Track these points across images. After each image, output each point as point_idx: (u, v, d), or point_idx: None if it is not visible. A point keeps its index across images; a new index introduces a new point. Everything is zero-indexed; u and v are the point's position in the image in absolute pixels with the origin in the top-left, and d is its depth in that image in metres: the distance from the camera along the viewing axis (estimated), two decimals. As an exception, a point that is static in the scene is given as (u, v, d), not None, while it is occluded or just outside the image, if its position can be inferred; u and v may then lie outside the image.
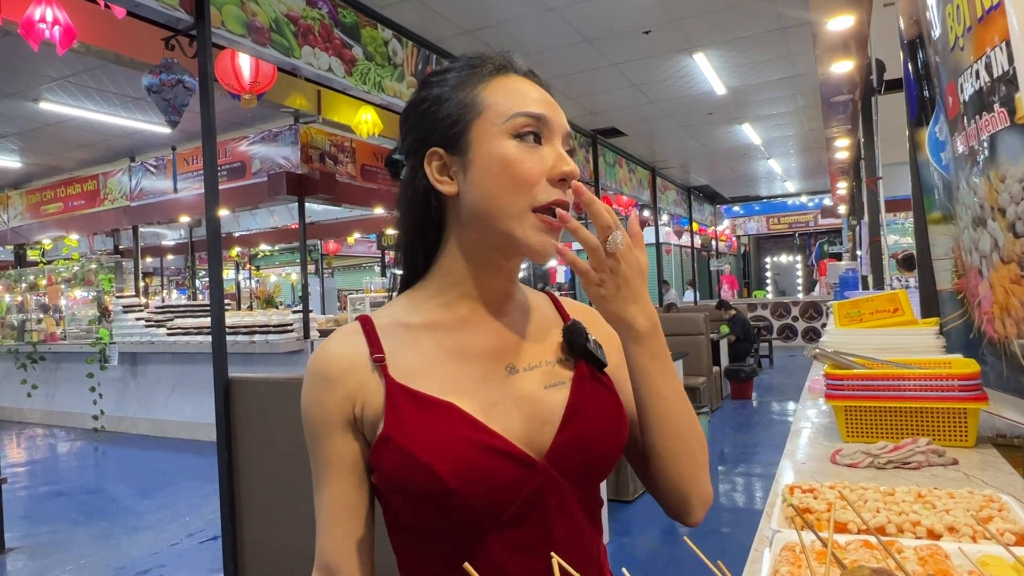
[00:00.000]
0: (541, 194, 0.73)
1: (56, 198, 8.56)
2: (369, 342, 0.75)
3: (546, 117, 0.75)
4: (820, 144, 9.32)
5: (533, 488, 0.70)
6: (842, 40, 4.20)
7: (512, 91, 0.76)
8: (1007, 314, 1.31)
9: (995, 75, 1.17)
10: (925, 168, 1.80)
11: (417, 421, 0.70)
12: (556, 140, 0.75)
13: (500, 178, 0.73)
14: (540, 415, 0.73)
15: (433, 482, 0.66)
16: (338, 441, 0.74)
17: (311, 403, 0.75)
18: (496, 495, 0.69)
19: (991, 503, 0.82)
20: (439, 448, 0.68)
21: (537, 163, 0.73)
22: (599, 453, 0.75)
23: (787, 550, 0.72)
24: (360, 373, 0.74)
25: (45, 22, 2.96)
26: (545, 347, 0.80)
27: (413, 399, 0.71)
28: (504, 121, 0.74)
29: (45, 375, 7.69)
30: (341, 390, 0.73)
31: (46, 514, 4.44)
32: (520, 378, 0.76)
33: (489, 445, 0.69)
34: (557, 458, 0.72)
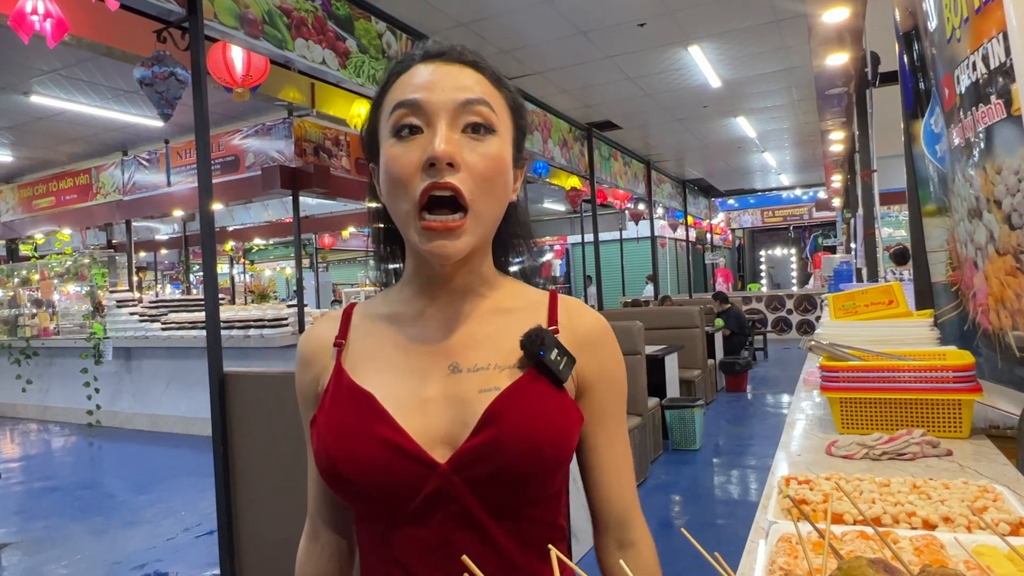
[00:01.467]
0: (416, 187, 0.67)
1: (48, 192, 8.50)
2: (340, 328, 0.79)
3: (419, 101, 0.68)
4: (815, 137, 9.33)
5: (431, 490, 0.69)
6: (837, 32, 4.20)
7: (401, 85, 0.71)
8: (1002, 306, 1.31)
9: (992, 66, 1.17)
10: (920, 160, 1.80)
11: (337, 407, 0.72)
12: (438, 122, 0.67)
13: (386, 183, 0.70)
14: (465, 418, 0.70)
15: (332, 467, 0.70)
16: (309, 415, 0.78)
17: (296, 379, 0.81)
18: (393, 491, 0.69)
19: (985, 493, 0.82)
20: (342, 435, 0.70)
21: (413, 154, 0.67)
22: (510, 465, 0.68)
23: (783, 541, 0.73)
24: (324, 357, 0.78)
25: (36, 14, 2.93)
26: (500, 350, 0.74)
27: (343, 385, 0.73)
28: (387, 120, 0.70)
29: (39, 370, 7.65)
30: (311, 371, 0.79)
31: (41, 509, 4.42)
32: (460, 379, 0.73)
33: (388, 440, 0.69)
34: (461, 464, 0.68)
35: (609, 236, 12.42)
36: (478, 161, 0.68)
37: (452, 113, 0.68)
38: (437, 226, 0.67)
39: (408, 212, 0.68)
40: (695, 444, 5.05)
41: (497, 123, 0.71)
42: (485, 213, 0.70)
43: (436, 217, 0.67)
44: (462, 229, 0.68)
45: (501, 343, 0.74)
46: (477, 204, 0.68)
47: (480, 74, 0.73)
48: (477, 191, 0.68)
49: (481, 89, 0.71)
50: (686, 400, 5.13)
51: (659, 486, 4.26)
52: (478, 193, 0.68)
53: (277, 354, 5.93)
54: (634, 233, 13.24)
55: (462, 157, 0.67)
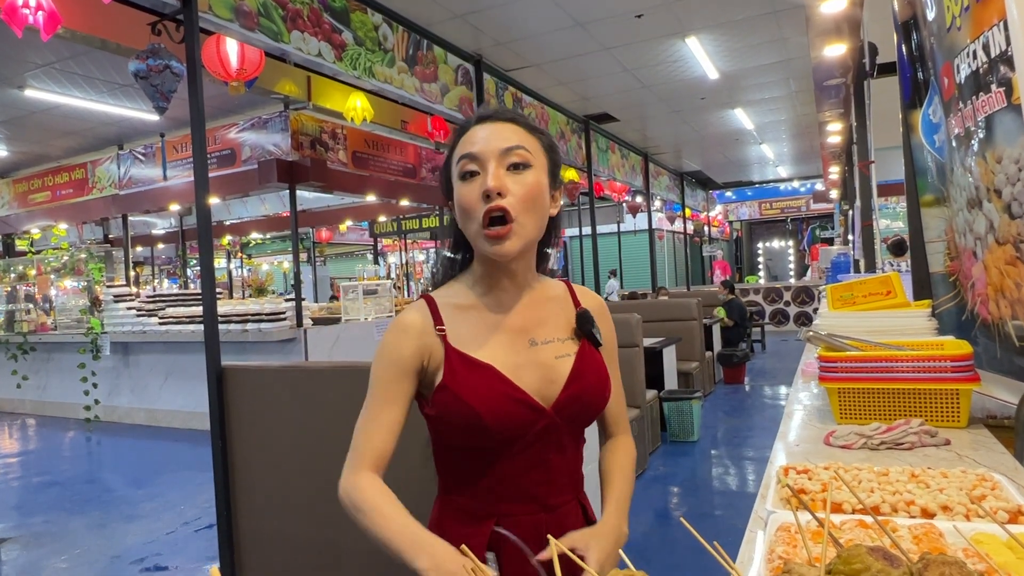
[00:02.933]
0: (479, 213, 0.96)
1: (44, 187, 8.47)
2: (433, 316, 1.03)
3: (475, 153, 0.98)
4: (812, 129, 9.32)
5: (541, 427, 1.00)
6: (835, 23, 4.18)
7: (465, 141, 1.01)
8: (1002, 295, 1.31)
9: (992, 55, 1.16)
10: (918, 150, 1.80)
11: (467, 376, 0.98)
12: (489, 164, 0.97)
13: (459, 212, 1.00)
14: (551, 377, 1.02)
15: (475, 418, 0.96)
16: (404, 380, 1.01)
17: (392, 345, 1.01)
18: (516, 430, 0.98)
19: (984, 482, 0.82)
20: (481, 396, 0.96)
21: (473, 191, 0.97)
22: (590, 405, 1.05)
23: (782, 530, 0.73)
24: (428, 337, 1.01)
25: (28, 7, 2.91)
26: (558, 326, 1.08)
27: (464, 360, 0.99)
28: (455, 168, 1.01)
29: (36, 366, 7.64)
30: (416, 342, 1.01)
31: (40, 504, 4.43)
32: (539, 349, 1.04)
33: (514, 396, 0.98)
34: (560, 408, 1.01)
35: (607, 229, 12.42)
36: (519, 188, 0.97)
37: (499, 158, 0.98)
38: (493, 234, 0.96)
39: (476, 230, 0.98)
40: (693, 436, 5.06)
41: (532, 160, 1.00)
42: (528, 224, 0.98)
43: (492, 228, 0.96)
44: (510, 233, 0.96)
45: (557, 322, 1.08)
46: (520, 217, 0.97)
47: (518, 126, 1.03)
48: (520, 208, 0.97)
49: (518, 138, 1.00)
50: (684, 392, 5.14)
51: (657, 478, 4.27)
52: (520, 210, 0.97)
53: (275, 348, 5.93)
54: (632, 226, 13.24)
55: (507, 187, 0.96)
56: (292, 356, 5.87)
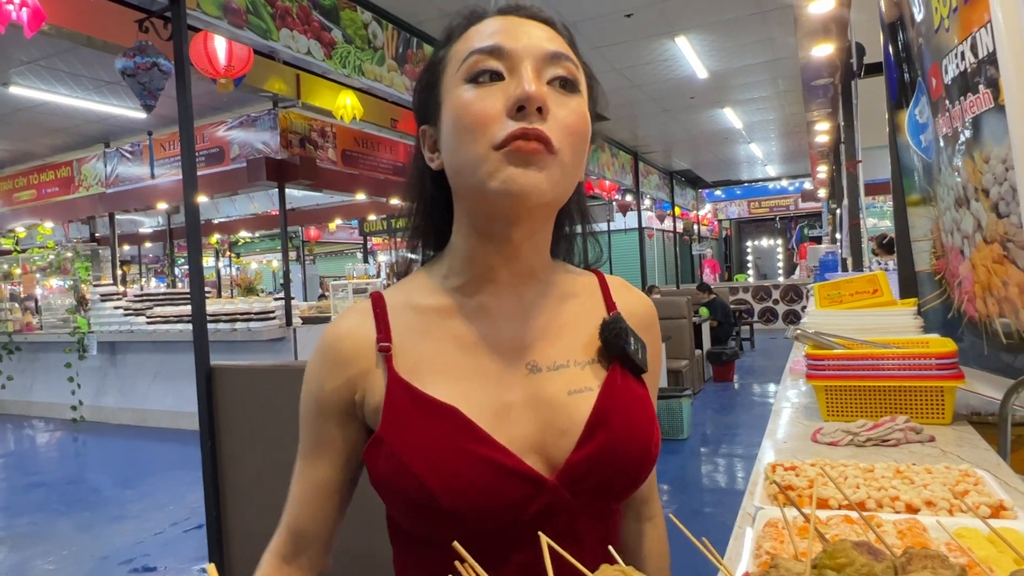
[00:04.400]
0: (498, 131, 0.59)
1: (29, 185, 8.38)
2: (378, 325, 0.68)
3: (500, 46, 0.62)
4: (801, 128, 9.37)
5: (540, 508, 0.62)
6: (823, 23, 4.21)
7: (476, 33, 0.65)
8: (989, 293, 1.33)
9: (980, 56, 1.18)
10: (905, 150, 1.81)
11: (414, 425, 0.62)
12: (524, 67, 0.61)
13: (456, 131, 0.62)
14: (560, 424, 0.64)
15: (425, 498, 0.60)
16: (331, 426, 0.69)
17: (312, 380, 0.70)
18: (494, 515, 0.61)
19: (967, 477, 0.83)
20: (433, 459, 0.60)
21: (494, 100, 0.60)
22: (623, 471, 0.66)
23: (770, 526, 0.74)
24: (365, 360, 0.67)
25: (12, 3, 2.87)
26: (577, 343, 0.70)
27: (414, 399, 0.64)
28: (458, 70, 0.64)
29: (22, 366, 7.57)
30: (343, 374, 0.68)
31: (27, 505, 4.39)
32: (542, 379, 0.66)
33: (490, 460, 0.61)
34: (572, 476, 0.63)
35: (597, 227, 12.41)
36: (568, 115, 0.62)
37: (539, 61, 0.62)
38: (520, 147, 0.59)
39: (483, 155, 0.60)
40: (683, 434, 5.09)
41: (581, 85, 0.66)
42: (570, 168, 0.63)
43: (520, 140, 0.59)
44: (547, 160, 0.60)
45: (575, 335, 0.70)
46: (564, 155, 0.61)
47: (559, 34, 0.67)
48: (565, 144, 0.61)
49: (561, 45, 0.66)
50: (674, 390, 5.16)
51: (647, 475, 4.30)
52: (566, 145, 0.61)
53: (264, 347, 5.91)
54: (622, 224, 13.27)
55: (550, 108, 0.61)
56: (281, 355, 5.85)
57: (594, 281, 0.77)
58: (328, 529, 0.72)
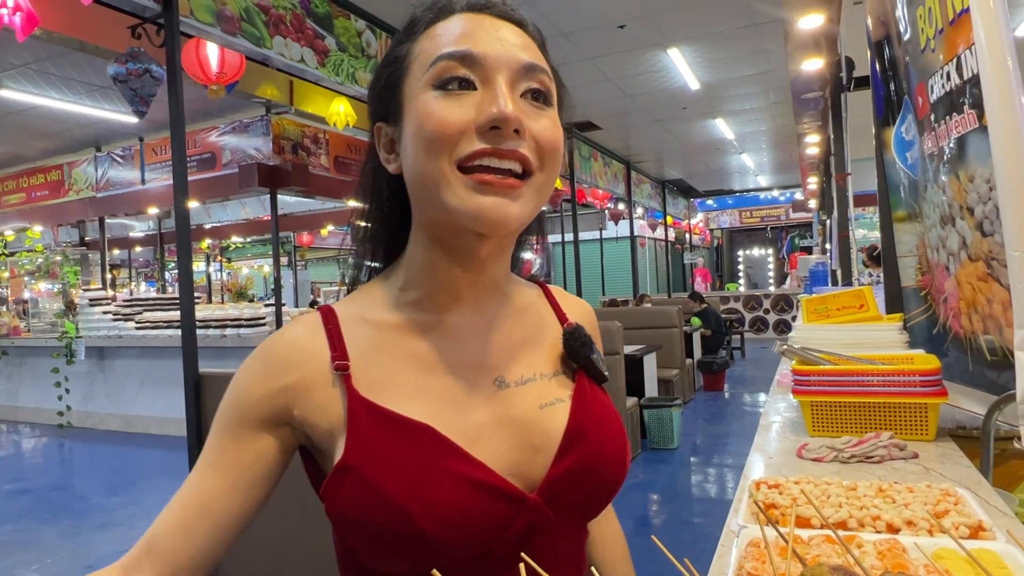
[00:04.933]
0: (463, 146, 0.57)
1: (18, 188, 8.33)
2: (331, 341, 0.62)
3: (473, 53, 0.58)
4: (791, 139, 9.46)
5: (522, 527, 0.60)
6: (813, 38, 4.26)
7: (444, 33, 0.61)
8: (974, 310, 1.34)
9: (965, 77, 1.20)
10: (891, 167, 1.83)
11: (387, 448, 0.57)
12: (498, 79, 0.58)
13: (418, 140, 0.58)
14: (534, 441, 0.63)
15: (403, 524, 0.55)
16: (245, 438, 0.61)
17: (240, 385, 0.62)
18: (476, 538, 0.57)
19: (948, 497, 0.84)
20: (413, 483, 0.56)
21: (460, 111, 0.57)
22: (601, 483, 0.65)
23: (752, 546, 0.74)
24: (311, 374, 0.61)
25: (6, 7, 2.87)
26: (539, 355, 0.68)
27: (382, 419, 0.59)
28: (425, 71, 0.59)
29: (8, 370, 7.50)
30: (279, 382, 0.60)
31: (11, 512, 4.34)
32: (511, 395, 0.64)
33: (472, 478, 0.57)
34: (553, 493, 0.61)
35: (589, 236, 12.47)
36: (542, 131, 0.60)
37: (513, 72, 0.59)
38: (495, 181, 0.56)
39: (446, 171, 0.57)
40: (673, 443, 5.09)
41: (554, 97, 0.64)
42: (545, 186, 0.61)
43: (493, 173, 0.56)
44: (520, 192, 0.58)
45: (537, 347, 0.69)
46: (539, 174, 0.59)
47: (531, 38, 0.64)
48: (542, 162, 0.59)
49: (535, 54, 0.62)
50: (664, 400, 5.18)
51: (637, 485, 4.29)
52: (542, 164, 0.60)
53: (254, 354, 5.88)
54: (614, 233, 13.31)
55: (525, 125, 0.58)
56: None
57: (539, 291, 0.77)
58: (188, 556, 0.60)
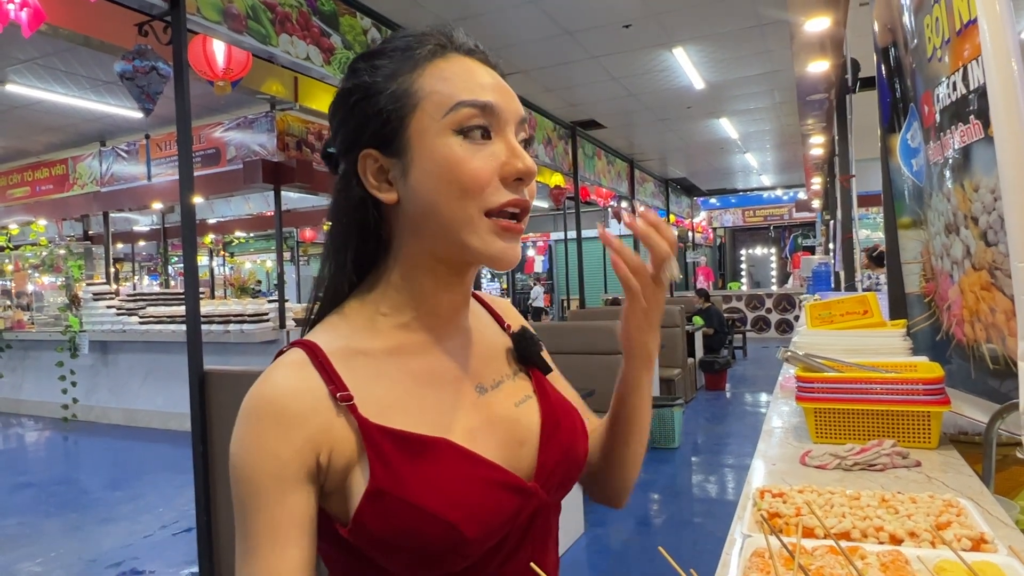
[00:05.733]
0: (492, 196, 0.63)
1: (23, 182, 8.34)
2: (325, 376, 0.63)
3: (494, 105, 0.64)
4: (796, 139, 9.44)
5: (529, 513, 0.67)
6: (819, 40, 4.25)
7: (453, 76, 0.65)
8: (977, 319, 1.35)
9: (972, 87, 1.20)
10: (896, 173, 1.84)
11: (412, 466, 0.60)
12: (508, 131, 0.65)
13: (444, 183, 0.63)
14: (518, 435, 0.70)
15: (449, 534, 0.59)
16: (294, 500, 0.60)
17: (259, 452, 0.59)
18: (499, 531, 0.64)
19: (950, 508, 0.85)
20: (448, 494, 0.60)
21: (487, 161, 0.63)
22: (576, 462, 0.74)
23: (756, 556, 0.75)
24: (323, 415, 0.61)
25: (12, 3, 2.87)
26: (500, 357, 0.76)
27: (398, 441, 0.61)
28: (445, 114, 0.63)
29: (12, 363, 7.53)
30: (301, 435, 0.60)
31: (14, 506, 4.36)
32: (490, 398, 0.71)
33: (491, 479, 0.64)
34: (544, 477, 0.69)
35: (592, 233, 12.46)
36: (531, 179, 0.67)
37: (517, 125, 0.67)
38: (512, 228, 0.65)
39: (472, 215, 0.63)
40: (674, 443, 5.11)
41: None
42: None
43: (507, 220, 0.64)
44: (521, 234, 0.67)
45: (496, 350, 0.77)
46: (527, 216, 0.68)
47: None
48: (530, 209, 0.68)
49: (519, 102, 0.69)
50: (666, 399, 5.18)
51: (638, 484, 4.27)
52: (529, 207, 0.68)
53: (257, 349, 5.89)
54: (617, 231, 13.31)
55: None
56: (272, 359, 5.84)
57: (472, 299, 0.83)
58: None
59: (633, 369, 0.78)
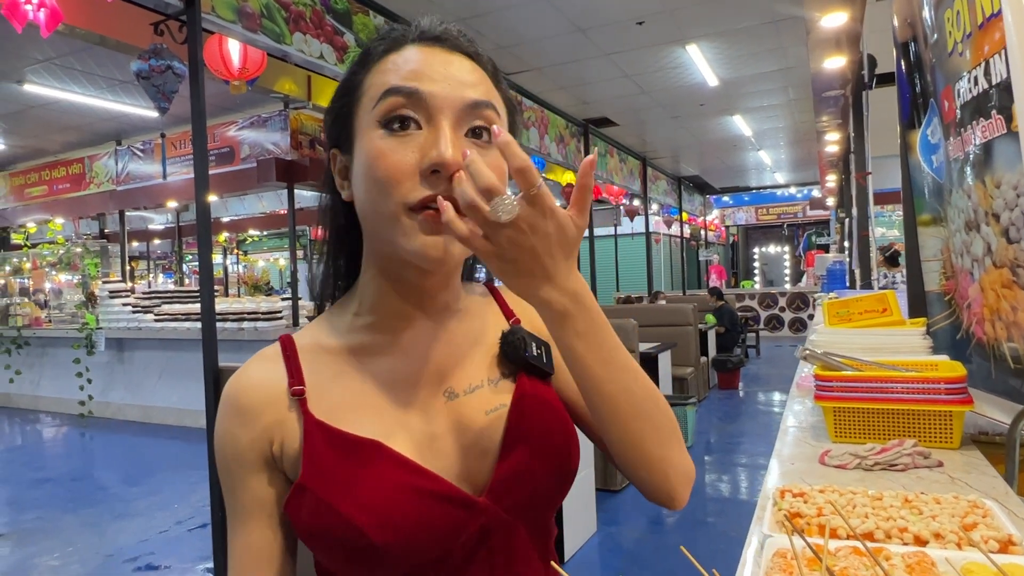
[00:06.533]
0: (411, 192, 0.59)
1: (41, 181, 8.44)
2: (289, 369, 0.65)
3: (421, 91, 0.59)
4: (810, 136, 9.36)
5: (475, 530, 0.63)
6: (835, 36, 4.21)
7: (395, 67, 0.62)
8: (998, 317, 1.33)
9: (994, 82, 1.18)
10: (916, 170, 1.81)
11: (336, 465, 0.60)
12: (442, 119, 0.59)
13: (366, 178, 0.61)
14: (481, 445, 0.66)
15: (357, 537, 0.58)
16: (255, 483, 0.64)
17: (224, 436, 0.65)
18: (434, 545, 0.60)
19: (976, 509, 0.84)
20: (361, 497, 0.59)
21: (407, 153, 0.59)
22: (545, 482, 0.67)
23: (779, 556, 0.74)
24: (278, 407, 0.64)
25: (30, 3, 2.90)
26: (484, 361, 0.71)
27: (334, 440, 0.62)
28: (374, 105, 0.61)
29: (30, 360, 7.62)
30: (257, 425, 0.63)
31: (33, 500, 4.42)
32: (460, 404, 0.67)
33: (421, 488, 0.60)
34: (500, 493, 0.64)
35: (604, 232, 12.44)
36: None
37: (457, 113, 0.61)
38: (430, 216, 0.58)
39: (393, 212, 0.59)
40: (687, 441, 5.08)
41: (500, 125, 0.63)
42: None
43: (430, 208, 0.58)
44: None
45: (483, 353, 0.71)
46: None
47: (481, 68, 0.65)
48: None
49: (484, 89, 0.63)
50: (679, 398, 5.16)
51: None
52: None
53: (271, 347, 5.93)
54: (629, 229, 13.26)
55: None
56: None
57: (485, 291, 0.79)
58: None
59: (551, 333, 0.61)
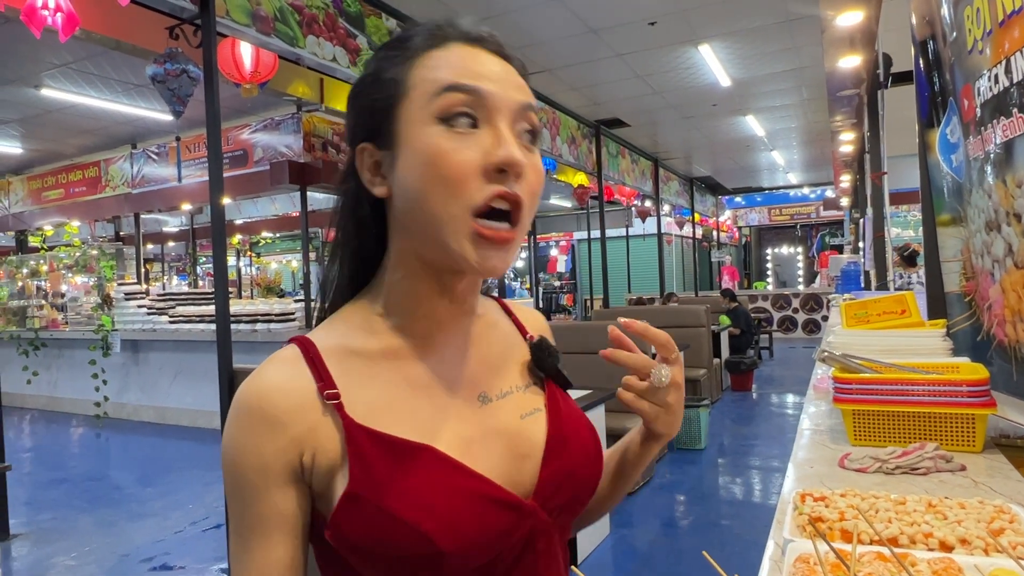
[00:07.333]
0: (476, 192, 0.58)
1: (57, 184, 8.54)
2: (316, 373, 0.61)
3: (483, 90, 0.59)
4: (824, 136, 9.29)
5: (525, 533, 0.62)
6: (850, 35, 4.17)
7: (447, 63, 0.61)
8: (1019, 318, 1.31)
9: (1015, 80, 1.16)
10: (935, 169, 1.79)
11: (392, 472, 0.58)
12: (500, 120, 0.60)
13: (425, 176, 0.59)
14: (521, 449, 0.66)
15: (422, 545, 0.56)
16: (279, 496, 0.60)
17: (244, 447, 0.60)
18: (486, 549, 0.59)
19: (1002, 514, 0.82)
20: (426, 503, 0.57)
21: (471, 152, 0.58)
22: (585, 483, 0.69)
23: (801, 561, 0.73)
24: (310, 414, 0.60)
25: (47, 8, 2.94)
26: (513, 368, 0.72)
27: (382, 445, 0.59)
28: (431, 100, 0.60)
29: (47, 361, 7.71)
30: (286, 434, 0.59)
31: (50, 501, 4.46)
32: (495, 408, 0.67)
33: (477, 492, 0.59)
34: (544, 496, 0.65)
35: (615, 233, 12.41)
36: (531, 173, 0.61)
37: (513, 115, 0.61)
38: (495, 237, 0.59)
39: (456, 214, 0.58)
40: (700, 444, 5.05)
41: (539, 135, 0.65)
42: (525, 230, 0.63)
43: (493, 224, 0.59)
44: (512, 243, 0.61)
45: (510, 360, 0.73)
46: (524, 219, 0.61)
47: (523, 78, 0.65)
48: (527, 206, 0.61)
49: (528, 92, 0.64)
50: (692, 399, 5.13)
51: (664, 485, 4.27)
52: (527, 208, 0.61)
53: (284, 349, 5.96)
54: (641, 230, 13.22)
55: (524, 167, 0.60)
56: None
57: (496, 305, 0.80)
58: None
59: (650, 447, 0.77)
